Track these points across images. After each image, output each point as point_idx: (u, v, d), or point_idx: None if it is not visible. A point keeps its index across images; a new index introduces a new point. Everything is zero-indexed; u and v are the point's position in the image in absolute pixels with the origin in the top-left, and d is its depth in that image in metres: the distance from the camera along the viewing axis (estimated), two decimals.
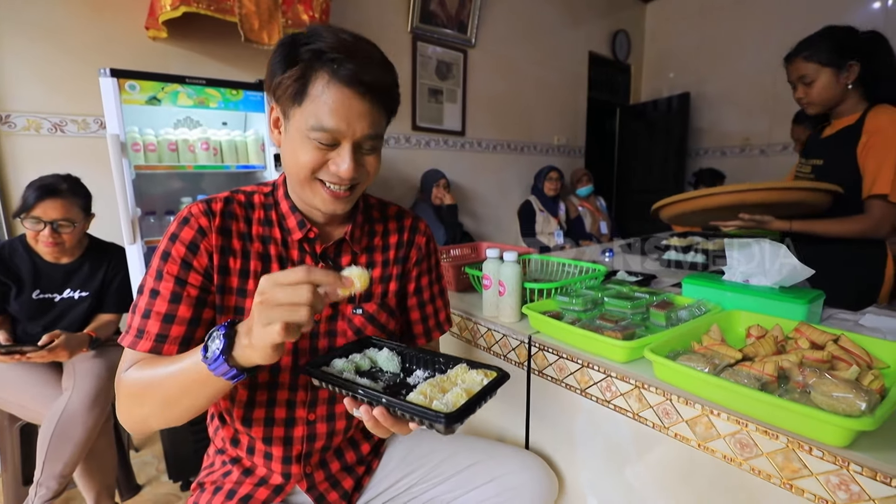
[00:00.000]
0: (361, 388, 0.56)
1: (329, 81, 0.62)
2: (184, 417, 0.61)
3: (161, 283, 0.65)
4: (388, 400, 0.54)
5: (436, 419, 0.50)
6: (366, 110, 0.64)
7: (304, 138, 0.65)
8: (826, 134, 1.36)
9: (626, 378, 0.76)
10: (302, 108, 0.64)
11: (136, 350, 0.64)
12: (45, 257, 1.45)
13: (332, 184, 0.67)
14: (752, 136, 3.93)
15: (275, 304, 0.49)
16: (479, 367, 0.64)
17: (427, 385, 0.59)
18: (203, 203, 0.71)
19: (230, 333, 0.54)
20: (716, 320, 0.86)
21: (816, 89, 1.26)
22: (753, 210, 1.16)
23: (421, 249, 0.86)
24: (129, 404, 0.63)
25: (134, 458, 1.86)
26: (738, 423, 0.62)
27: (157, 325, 0.64)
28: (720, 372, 0.67)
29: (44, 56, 1.80)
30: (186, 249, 0.67)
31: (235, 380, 0.55)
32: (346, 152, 0.65)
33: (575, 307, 0.96)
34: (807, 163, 1.39)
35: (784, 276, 0.90)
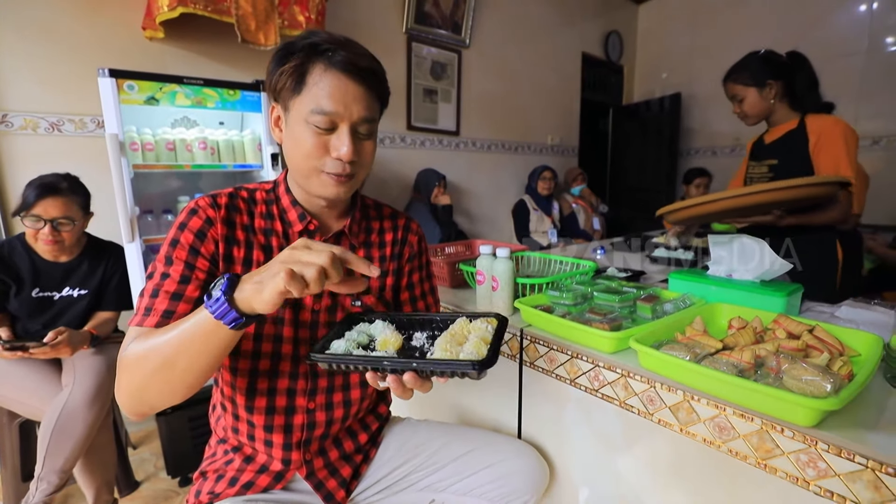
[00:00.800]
0: (387, 359, 0.59)
1: (326, 69, 0.67)
2: (180, 386, 0.60)
3: (171, 267, 0.68)
4: (419, 363, 0.57)
5: (471, 367, 0.54)
6: (361, 94, 0.69)
7: (304, 125, 0.68)
8: (770, 139, 1.53)
9: (613, 367, 0.80)
10: (301, 97, 0.68)
11: (142, 326, 0.65)
12: (44, 256, 1.46)
13: (334, 173, 0.70)
14: (742, 136, 3.99)
15: (295, 259, 0.53)
16: (478, 317, 0.67)
17: (444, 341, 0.61)
18: (209, 197, 0.74)
19: (233, 279, 0.56)
20: (699, 313, 0.90)
21: (746, 105, 1.47)
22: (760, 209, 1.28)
23: (413, 247, 0.91)
24: (128, 376, 0.61)
25: (132, 455, 1.87)
26: (717, 407, 0.66)
27: (165, 301, 0.66)
28: (701, 360, 0.71)
29: (41, 55, 1.80)
30: (195, 237, 0.70)
31: (234, 324, 0.55)
32: (345, 134, 0.68)
33: (565, 301, 1.00)
34: (760, 164, 1.55)
35: (764, 270, 0.94)
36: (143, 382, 0.60)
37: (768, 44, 1.54)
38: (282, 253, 0.55)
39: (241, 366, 0.75)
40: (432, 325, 0.71)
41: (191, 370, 0.59)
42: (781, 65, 1.44)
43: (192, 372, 0.59)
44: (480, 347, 0.59)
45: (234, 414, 0.79)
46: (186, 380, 0.60)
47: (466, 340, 0.62)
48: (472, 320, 0.67)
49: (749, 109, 1.47)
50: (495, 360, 0.56)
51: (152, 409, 0.64)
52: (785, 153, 1.45)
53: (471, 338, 0.62)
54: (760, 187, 1.08)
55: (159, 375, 0.59)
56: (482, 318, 0.67)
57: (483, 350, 0.58)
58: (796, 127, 1.43)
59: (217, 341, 0.57)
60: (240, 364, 0.75)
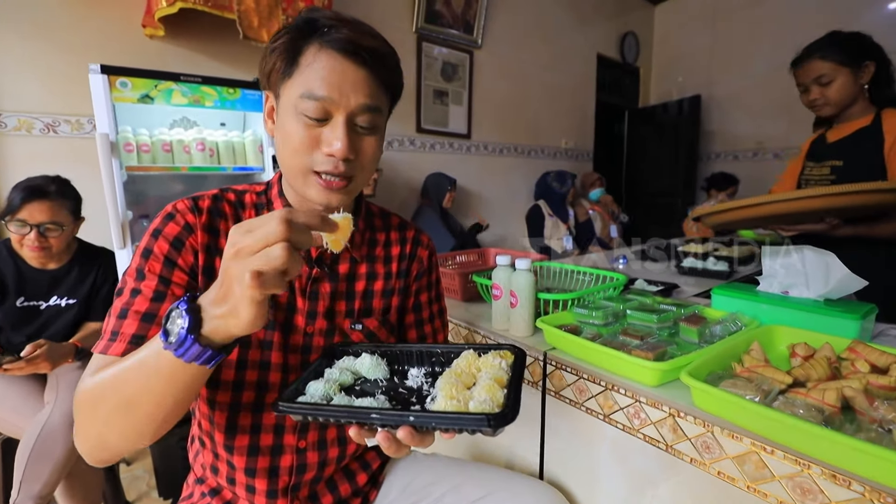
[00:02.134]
0: (376, 411, 0.46)
1: (321, 48, 0.56)
2: (147, 428, 0.49)
3: (143, 283, 0.57)
4: (419, 417, 0.44)
5: (484, 423, 0.41)
6: (361, 79, 0.57)
7: (293, 114, 0.58)
8: (835, 137, 1.34)
9: (658, 404, 0.67)
10: (292, 80, 0.58)
11: (106, 354, 0.54)
12: (30, 262, 1.38)
13: (326, 173, 0.58)
14: (765, 140, 3.83)
15: (249, 252, 0.40)
16: (488, 350, 0.54)
17: (447, 384, 0.48)
18: (189, 200, 0.63)
19: (193, 308, 0.43)
20: (755, 337, 0.77)
21: (834, 89, 1.24)
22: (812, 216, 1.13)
23: (423, 263, 0.79)
24: (84, 417, 0.51)
25: (124, 473, 1.78)
26: (798, 463, 0.53)
27: (134, 324, 0.55)
28: (772, 401, 0.58)
29: (37, 54, 1.74)
30: (170, 246, 0.59)
31: (212, 362, 0.44)
32: (339, 126, 0.57)
33: (595, 321, 0.87)
34: (821, 165, 1.35)
35: (831, 288, 0.80)
36: (102, 426, 0.50)
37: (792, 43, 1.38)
38: (224, 254, 0.41)
39: (221, 398, 0.64)
40: (432, 360, 0.58)
41: (158, 410, 0.48)
42: (874, 46, 1.24)
43: (159, 412, 0.49)
44: (495, 392, 0.46)
45: (213, 451, 0.68)
46: (154, 422, 0.49)
47: (476, 381, 0.50)
48: (481, 354, 0.54)
49: (836, 94, 1.24)
50: (516, 413, 0.44)
51: (117, 455, 0.53)
52: (853, 154, 1.27)
53: (481, 378, 0.49)
54: (821, 190, 0.93)
55: (120, 417, 0.49)
56: (494, 352, 0.54)
57: (498, 396, 0.46)
58: (870, 124, 1.25)
59: (189, 380, 0.46)
60: (218, 396, 0.64)
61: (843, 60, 1.22)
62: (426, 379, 0.54)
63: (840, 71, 1.23)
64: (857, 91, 1.25)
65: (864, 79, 1.23)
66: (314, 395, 0.51)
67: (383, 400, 0.51)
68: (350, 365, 0.58)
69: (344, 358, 0.59)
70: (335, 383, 0.53)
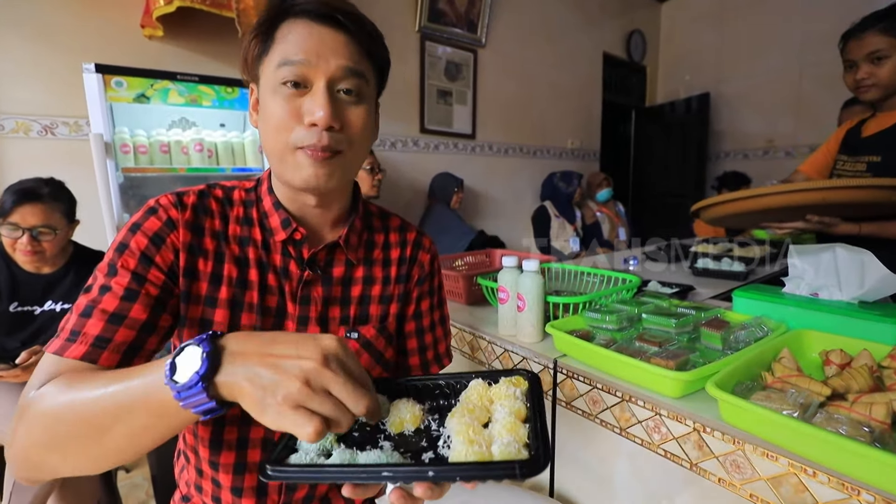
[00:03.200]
0: (387, 468, 0.38)
1: (295, 20, 0.54)
2: (109, 460, 0.44)
3: (113, 279, 0.51)
4: (438, 472, 0.37)
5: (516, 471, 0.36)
6: (340, 43, 0.54)
7: (273, 91, 0.54)
8: (874, 129, 1.22)
9: (682, 418, 0.61)
10: (268, 57, 0.55)
11: (62, 357, 0.48)
12: (24, 267, 1.34)
13: (312, 148, 0.53)
14: (776, 138, 3.74)
15: (322, 387, 0.38)
16: (497, 378, 0.48)
17: (461, 425, 0.42)
18: (173, 195, 0.58)
19: (215, 350, 0.39)
20: (784, 343, 0.71)
21: (887, 68, 1.11)
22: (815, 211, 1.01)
23: (423, 268, 0.73)
24: (29, 430, 0.44)
25: (122, 481, 1.74)
26: (846, 488, 0.47)
27: (99, 324, 0.49)
28: (811, 416, 0.52)
29: (35, 56, 1.71)
30: (149, 241, 0.54)
31: (209, 416, 0.39)
32: (320, 92, 0.53)
33: (608, 325, 0.82)
34: (856, 160, 1.24)
35: (867, 290, 0.74)
36: (52, 445, 0.43)
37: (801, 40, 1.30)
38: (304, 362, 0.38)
39: None
40: (435, 392, 0.51)
41: (124, 449, 0.43)
42: None
43: (124, 450, 0.43)
44: (517, 430, 0.40)
45: (196, 467, 0.63)
46: (118, 456, 0.43)
47: (490, 417, 0.44)
48: (491, 383, 0.48)
49: (887, 75, 1.13)
50: (548, 458, 0.37)
51: (52, 477, 0.46)
52: (894, 148, 1.16)
53: (497, 412, 0.43)
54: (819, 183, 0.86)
55: (81, 444, 0.43)
56: (505, 380, 0.47)
57: (521, 433, 0.39)
58: None
59: (175, 424, 0.41)
60: None
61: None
62: (432, 416, 0.48)
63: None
64: None
65: None
66: (308, 451, 0.43)
67: (389, 449, 0.43)
68: None
69: None
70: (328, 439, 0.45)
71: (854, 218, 1.10)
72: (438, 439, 0.44)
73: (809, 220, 1.07)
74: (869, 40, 1.13)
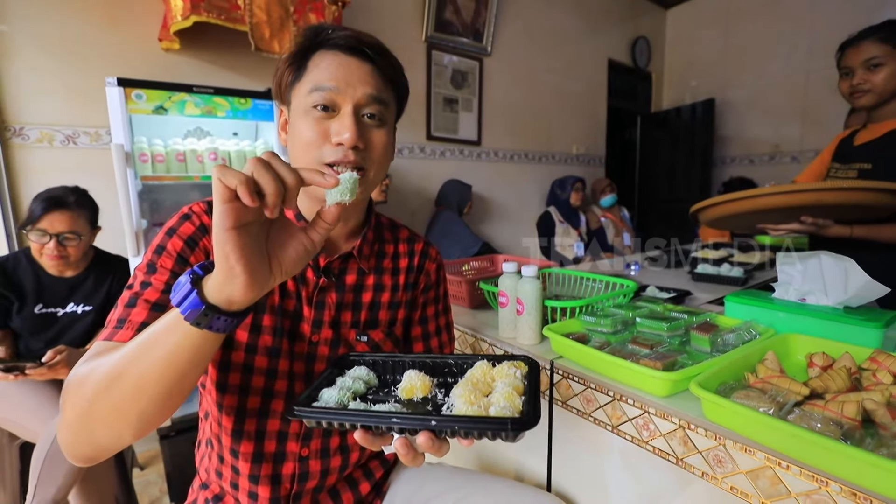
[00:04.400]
0: (397, 415, 0.45)
1: (327, 50, 0.61)
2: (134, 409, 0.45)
3: (153, 276, 0.57)
4: (440, 421, 0.44)
5: (507, 426, 0.42)
6: (366, 73, 0.61)
7: (303, 113, 0.60)
8: (866, 138, 1.27)
9: (668, 416, 0.65)
10: (301, 83, 0.61)
11: (111, 341, 0.52)
12: (48, 270, 1.41)
13: (337, 164, 0.59)
14: (782, 143, 3.75)
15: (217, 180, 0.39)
16: (502, 361, 0.55)
17: (465, 391, 0.48)
18: (205, 203, 0.65)
19: (204, 266, 0.44)
20: (770, 346, 0.74)
21: (882, 75, 1.16)
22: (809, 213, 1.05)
23: (430, 276, 0.79)
24: (70, 401, 0.47)
25: (137, 478, 1.80)
26: (815, 479, 0.50)
27: (143, 313, 0.54)
28: (787, 413, 0.55)
29: (58, 68, 1.79)
30: (184, 244, 0.60)
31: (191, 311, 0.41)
32: (347, 116, 0.59)
33: (603, 328, 0.85)
34: (847, 167, 1.28)
35: (851, 295, 0.77)
36: (86, 409, 0.46)
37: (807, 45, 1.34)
38: None
39: (228, 402, 0.64)
40: (444, 371, 0.57)
41: (143, 387, 0.44)
42: None
43: (144, 389, 0.44)
44: (513, 399, 0.46)
45: (219, 455, 0.68)
46: (138, 403, 0.45)
47: (492, 390, 0.49)
48: (495, 364, 0.54)
49: (882, 82, 1.17)
50: (537, 418, 0.43)
51: (100, 450, 0.49)
52: (884, 156, 1.20)
53: (498, 386, 0.49)
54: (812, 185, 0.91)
55: (104, 395, 0.45)
56: (508, 362, 0.54)
57: (517, 402, 0.46)
58: None
59: (174, 345, 0.43)
60: (226, 400, 0.64)
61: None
62: (439, 389, 0.54)
63: (893, 57, 1.16)
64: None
65: None
66: (328, 402, 0.50)
67: (399, 407, 0.50)
68: (362, 374, 0.57)
69: (354, 367, 0.59)
70: (349, 391, 0.52)
71: (846, 221, 1.13)
72: (442, 406, 0.50)
73: (804, 222, 1.10)
74: (866, 48, 1.18)
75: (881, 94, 1.18)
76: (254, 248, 0.42)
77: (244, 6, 1.78)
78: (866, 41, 1.18)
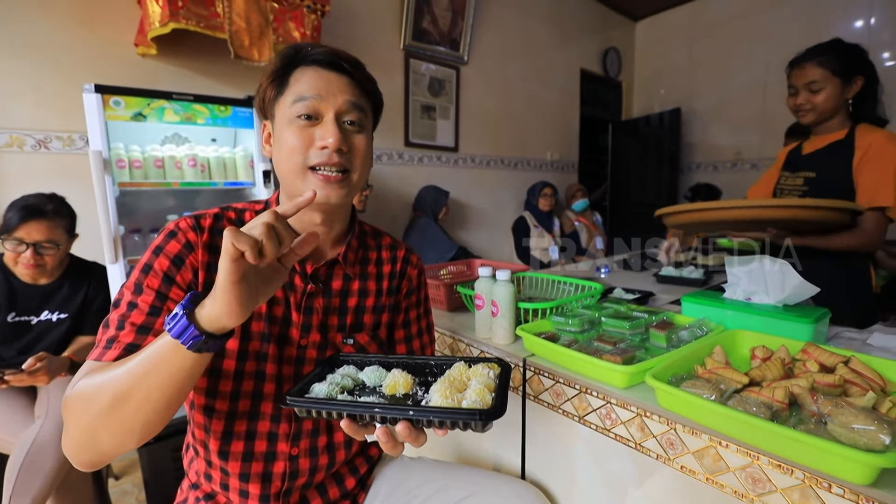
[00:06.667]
0: (379, 405, 0.51)
1: (307, 66, 0.66)
2: (139, 422, 0.52)
3: (140, 297, 0.60)
4: (417, 411, 0.50)
5: (476, 417, 0.48)
6: (344, 84, 0.67)
7: (288, 122, 0.65)
8: (810, 149, 1.37)
9: (627, 405, 0.72)
10: (284, 97, 0.66)
11: (101, 361, 0.56)
12: (22, 278, 1.39)
13: (323, 166, 0.65)
14: (742, 151, 3.96)
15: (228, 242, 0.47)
16: (477, 362, 0.61)
17: (442, 387, 0.55)
18: (191, 218, 0.67)
19: (196, 295, 0.52)
20: (719, 341, 0.82)
21: (822, 97, 1.25)
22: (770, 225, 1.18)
23: (412, 281, 0.84)
24: (75, 417, 0.53)
25: (113, 488, 1.77)
26: (749, 455, 0.58)
27: (130, 335, 0.58)
28: (727, 399, 0.63)
29: (29, 72, 1.76)
30: (171, 263, 0.63)
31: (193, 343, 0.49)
32: (330, 122, 0.65)
33: (571, 328, 0.92)
34: (795, 175, 1.40)
35: (788, 294, 0.87)
36: (92, 423, 0.52)
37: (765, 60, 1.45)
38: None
39: (219, 406, 0.67)
40: (425, 370, 0.63)
41: (147, 404, 0.51)
42: (868, 63, 1.26)
43: (148, 406, 0.51)
44: (484, 395, 0.52)
45: (206, 459, 0.71)
46: (143, 417, 0.52)
47: (467, 387, 0.55)
48: (471, 365, 0.60)
49: (823, 103, 1.26)
50: (503, 411, 0.50)
51: (105, 457, 0.55)
52: (825, 166, 1.30)
53: (472, 384, 0.55)
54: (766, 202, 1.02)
55: (111, 413, 0.51)
56: (483, 364, 0.60)
57: (487, 398, 0.52)
58: (844, 138, 1.28)
59: (176, 368, 0.50)
60: (216, 405, 0.67)
61: (836, 70, 1.24)
62: (420, 388, 0.59)
63: (831, 81, 1.24)
64: (840, 104, 1.27)
65: (850, 93, 1.26)
66: (319, 395, 0.56)
67: (382, 401, 0.56)
68: (350, 372, 0.62)
69: (344, 366, 0.64)
70: (337, 386, 0.58)
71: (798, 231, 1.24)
72: (421, 401, 0.56)
73: (769, 233, 1.21)
74: (808, 71, 1.27)
75: (821, 113, 1.29)
76: (248, 290, 0.50)
77: (223, 14, 1.79)
78: (808, 64, 1.27)
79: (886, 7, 3.09)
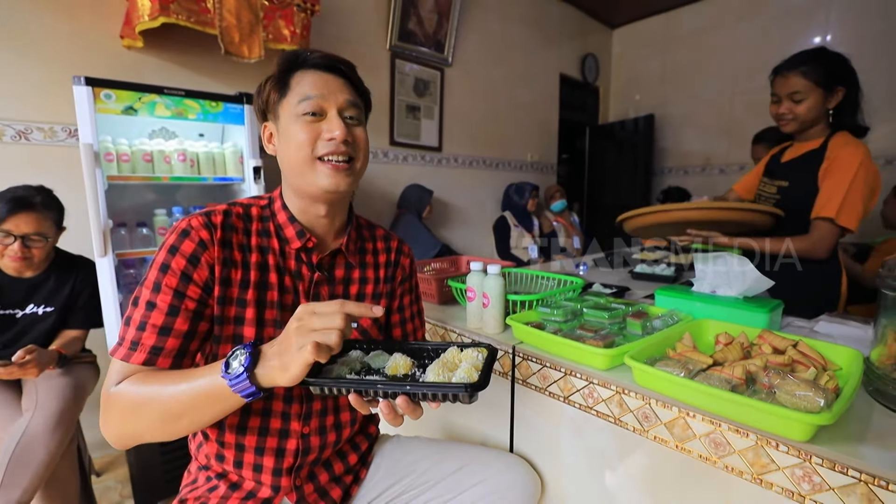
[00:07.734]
0: (381, 382, 0.59)
1: (306, 69, 0.72)
2: (181, 433, 0.62)
3: (159, 296, 0.64)
4: (413, 386, 0.57)
5: (462, 390, 0.56)
6: (341, 84, 0.73)
7: (294, 120, 0.71)
8: (788, 157, 1.40)
9: (608, 384, 0.80)
10: (287, 98, 0.72)
11: (129, 363, 0.63)
12: (7, 271, 1.38)
13: (330, 155, 0.71)
14: (711, 157, 4.17)
15: (310, 329, 0.54)
16: (468, 347, 0.68)
17: (436, 367, 0.63)
18: (202, 216, 0.70)
19: (255, 353, 0.57)
20: (687, 329, 0.92)
21: (804, 107, 1.26)
22: (702, 226, 1.26)
23: (405, 270, 0.91)
24: (123, 419, 0.62)
25: (95, 484, 1.76)
26: (713, 423, 0.67)
27: (153, 337, 0.63)
28: (694, 376, 0.72)
29: (9, 61, 1.73)
30: (187, 262, 0.66)
31: (251, 398, 0.57)
32: (335, 117, 0.71)
33: (556, 318, 1.00)
34: (772, 183, 1.44)
35: (747, 287, 0.97)
36: (140, 428, 0.62)
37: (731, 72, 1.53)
38: (291, 324, 0.56)
39: None
40: (423, 354, 0.70)
41: (195, 423, 0.61)
42: (851, 72, 1.25)
43: (196, 424, 0.61)
44: (472, 373, 0.60)
45: (218, 441, 0.75)
46: (189, 429, 0.63)
47: (458, 368, 0.62)
48: (462, 349, 0.67)
49: (805, 112, 1.26)
50: (486, 384, 0.58)
51: (140, 441, 0.64)
52: (798, 175, 1.32)
53: (462, 365, 0.63)
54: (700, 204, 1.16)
55: (160, 425, 0.61)
56: (473, 348, 0.68)
57: (475, 375, 0.60)
58: (818, 147, 1.29)
59: (228, 406, 0.60)
60: None
61: (819, 81, 1.23)
62: (418, 369, 0.65)
63: (814, 91, 1.24)
64: (822, 114, 1.28)
65: (832, 104, 1.26)
66: (330, 374, 0.63)
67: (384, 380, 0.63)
68: (358, 356, 0.68)
69: (352, 351, 0.70)
70: (345, 366, 0.64)
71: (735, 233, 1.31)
72: (419, 380, 0.63)
73: (689, 234, 1.29)
74: (792, 81, 1.26)
75: (803, 123, 1.30)
76: None
77: (214, 10, 1.80)
78: (792, 74, 1.26)
79: (842, 25, 3.32)
